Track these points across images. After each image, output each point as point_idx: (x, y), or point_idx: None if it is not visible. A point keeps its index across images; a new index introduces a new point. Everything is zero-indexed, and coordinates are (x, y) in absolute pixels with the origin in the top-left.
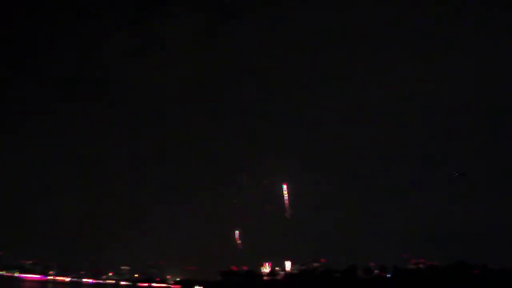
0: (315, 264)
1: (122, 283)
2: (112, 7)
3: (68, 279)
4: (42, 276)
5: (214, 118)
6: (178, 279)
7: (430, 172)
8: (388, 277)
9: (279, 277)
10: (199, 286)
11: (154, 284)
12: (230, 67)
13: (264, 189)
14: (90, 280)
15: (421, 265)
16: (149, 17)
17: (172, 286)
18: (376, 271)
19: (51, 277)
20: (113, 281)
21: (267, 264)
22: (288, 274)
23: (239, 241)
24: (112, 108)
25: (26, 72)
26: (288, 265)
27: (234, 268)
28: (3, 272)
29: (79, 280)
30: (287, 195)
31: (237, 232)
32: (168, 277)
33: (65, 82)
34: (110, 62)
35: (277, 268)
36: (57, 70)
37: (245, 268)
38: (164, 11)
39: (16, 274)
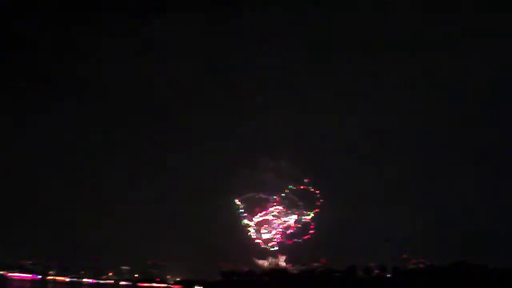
0: (315, 264)
1: (122, 283)
2: (111, 7)
3: (68, 279)
4: (34, 275)
5: (214, 118)
6: (178, 279)
7: (430, 172)
8: (388, 277)
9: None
10: (199, 286)
11: (154, 284)
12: (229, 67)
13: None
14: (90, 280)
15: (421, 265)
16: (149, 17)
17: (172, 286)
18: (376, 271)
19: (51, 277)
20: (113, 281)
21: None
22: (288, 274)
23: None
24: (111, 108)
25: (26, 72)
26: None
27: (234, 268)
28: (3, 272)
29: (79, 280)
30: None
31: None
32: (168, 277)
33: (65, 82)
34: (109, 63)
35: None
36: (56, 71)
37: (245, 268)
38: (163, 12)
39: (11, 274)
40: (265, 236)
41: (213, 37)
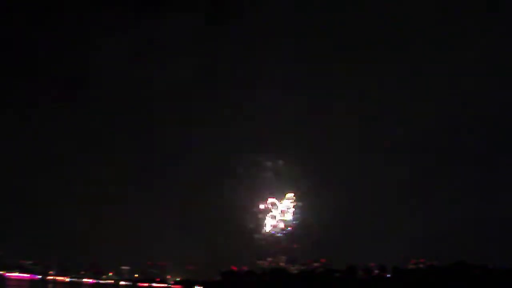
0: (315, 264)
1: (122, 283)
2: (111, 8)
3: (68, 279)
4: (34, 275)
5: (213, 119)
6: (178, 279)
7: (430, 172)
8: (388, 277)
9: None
10: (199, 286)
11: (154, 284)
12: (229, 67)
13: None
14: (90, 280)
15: (421, 265)
16: (148, 17)
17: (172, 286)
18: (376, 271)
19: (51, 277)
20: (113, 281)
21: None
22: (288, 274)
23: None
24: (111, 109)
25: (26, 72)
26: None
27: (234, 268)
28: (2, 272)
29: (79, 280)
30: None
31: None
32: (168, 277)
33: (64, 83)
34: (108, 63)
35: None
36: (56, 71)
37: (245, 268)
38: (163, 12)
39: (10, 274)
40: (265, 237)
41: (213, 37)
